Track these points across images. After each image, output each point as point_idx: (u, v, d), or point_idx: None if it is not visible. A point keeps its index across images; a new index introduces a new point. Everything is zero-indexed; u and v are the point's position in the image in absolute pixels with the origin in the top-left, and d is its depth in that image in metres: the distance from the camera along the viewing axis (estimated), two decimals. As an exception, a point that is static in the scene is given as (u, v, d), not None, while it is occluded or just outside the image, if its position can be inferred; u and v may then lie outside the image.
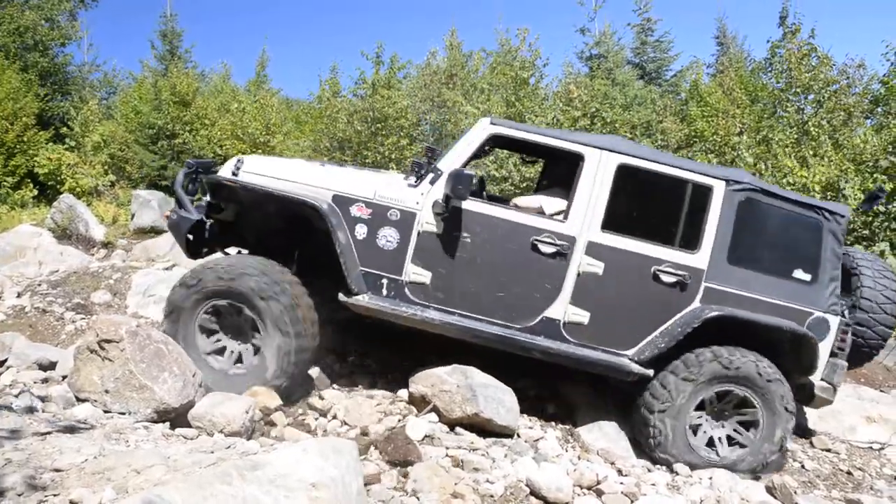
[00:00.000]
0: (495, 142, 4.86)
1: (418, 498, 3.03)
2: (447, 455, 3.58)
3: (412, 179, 4.34)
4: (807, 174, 8.15)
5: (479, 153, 4.71)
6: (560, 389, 4.97)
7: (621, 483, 3.63)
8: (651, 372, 4.25)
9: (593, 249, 4.22)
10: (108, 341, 3.68)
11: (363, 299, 4.22)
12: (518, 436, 4.11)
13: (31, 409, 3.45)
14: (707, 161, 9.67)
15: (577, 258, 4.21)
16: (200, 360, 4.11)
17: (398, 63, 14.83)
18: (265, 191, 4.28)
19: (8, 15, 18.15)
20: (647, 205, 4.86)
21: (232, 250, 5.03)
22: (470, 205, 4.24)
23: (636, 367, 4.21)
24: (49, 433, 2.79)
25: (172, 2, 26.54)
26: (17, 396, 3.65)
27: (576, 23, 27.70)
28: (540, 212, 4.48)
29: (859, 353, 4.77)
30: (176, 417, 3.64)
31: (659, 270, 4.21)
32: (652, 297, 4.23)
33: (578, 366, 4.32)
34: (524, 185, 10.10)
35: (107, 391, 3.62)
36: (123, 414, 3.54)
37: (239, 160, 4.54)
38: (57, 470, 2.37)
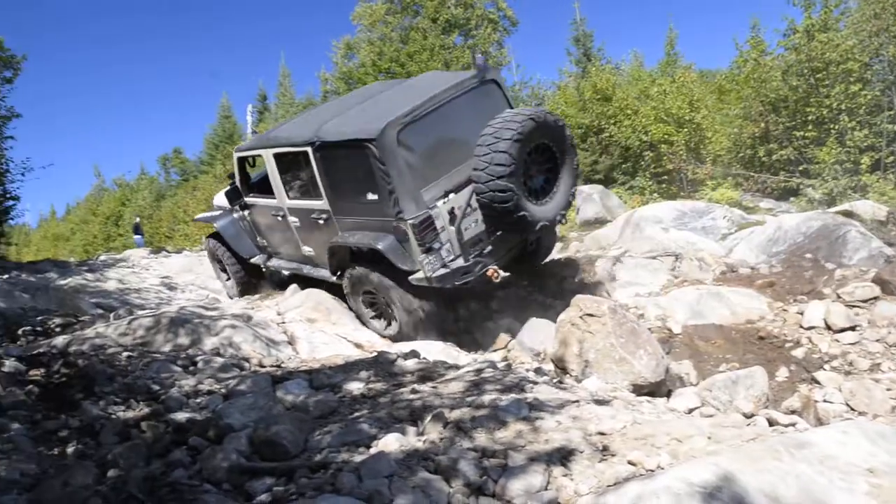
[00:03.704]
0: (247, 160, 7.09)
1: None
2: None
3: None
4: None
5: (241, 173, 7.00)
6: None
7: None
8: (334, 278, 6.05)
9: (291, 211, 6.24)
10: (591, 315, 4.08)
11: (257, 260, 7.28)
12: None
13: (547, 383, 4.05)
14: None
15: (290, 218, 6.29)
16: None
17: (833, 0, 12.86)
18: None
19: (456, 57, 21.88)
20: (298, 173, 6.12)
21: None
22: (249, 200, 6.97)
23: (327, 274, 6.11)
24: (578, 402, 3.23)
25: (581, 7, 28.08)
26: (534, 372, 4.34)
27: None
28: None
29: (512, 222, 5.06)
30: (648, 392, 3.82)
31: (314, 215, 5.93)
32: (322, 232, 5.93)
33: (323, 279, 6.26)
34: None
35: (587, 361, 4.01)
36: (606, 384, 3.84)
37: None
38: (601, 433, 2.71)
